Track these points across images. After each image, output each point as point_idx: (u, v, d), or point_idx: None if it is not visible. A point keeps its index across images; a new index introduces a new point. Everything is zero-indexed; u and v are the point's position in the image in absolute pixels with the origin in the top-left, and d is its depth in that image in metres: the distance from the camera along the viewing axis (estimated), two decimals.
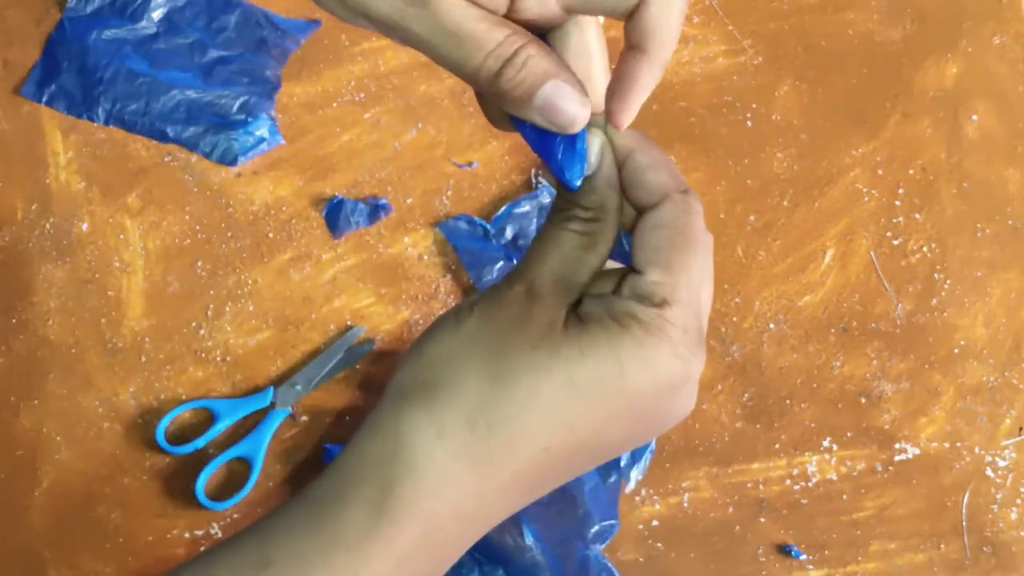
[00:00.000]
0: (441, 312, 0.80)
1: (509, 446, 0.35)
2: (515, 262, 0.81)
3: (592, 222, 0.38)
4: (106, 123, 0.85)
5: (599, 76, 0.40)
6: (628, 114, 0.39)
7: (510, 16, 0.38)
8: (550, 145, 0.38)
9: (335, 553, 0.34)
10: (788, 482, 0.77)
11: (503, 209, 0.83)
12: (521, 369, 0.35)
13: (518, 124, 0.39)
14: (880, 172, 0.87)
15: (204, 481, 0.74)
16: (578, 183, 0.38)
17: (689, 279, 0.38)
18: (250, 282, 0.81)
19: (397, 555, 0.35)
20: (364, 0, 0.36)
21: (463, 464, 0.35)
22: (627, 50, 0.39)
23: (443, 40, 0.36)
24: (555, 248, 0.38)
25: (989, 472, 0.78)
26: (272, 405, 0.77)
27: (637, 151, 0.39)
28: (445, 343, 0.37)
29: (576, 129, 0.38)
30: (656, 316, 0.36)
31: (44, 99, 0.85)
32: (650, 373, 0.36)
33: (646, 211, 0.39)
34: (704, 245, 0.39)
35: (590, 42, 0.40)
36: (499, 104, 0.38)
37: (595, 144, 0.38)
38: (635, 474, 0.76)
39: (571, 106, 0.37)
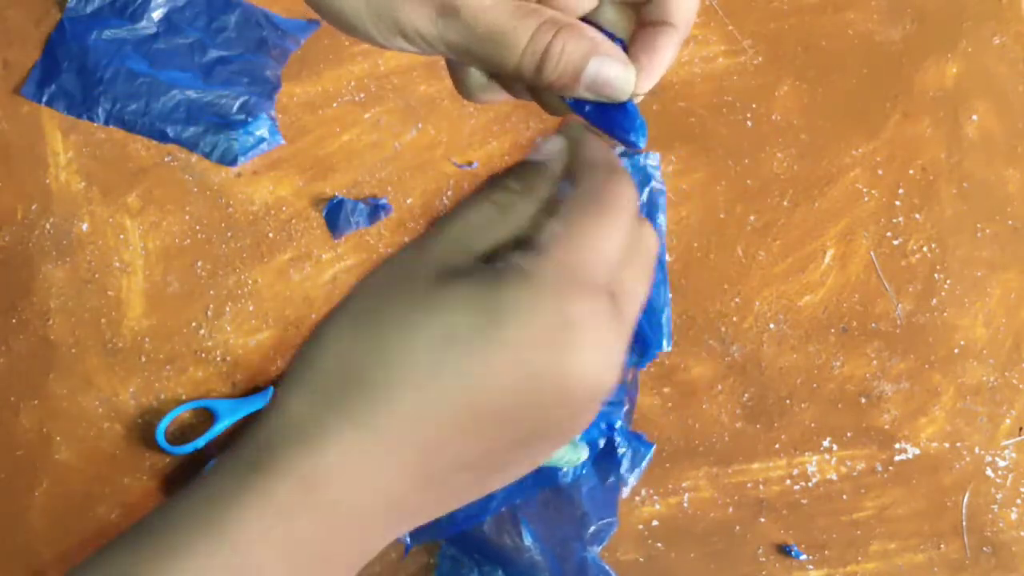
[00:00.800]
0: None
1: (385, 405, 0.34)
2: None
3: (514, 193, 0.37)
4: (106, 123, 0.85)
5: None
6: (650, 84, 0.39)
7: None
8: (610, 115, 0.38)
9: (212, 508, 0.33)
10: (788, 482, 0.77)
11: None
12: (392, 326, 0.34)
13: (573, 105, 0.39)
14: (880, 172, 0.87)
15: None
16: (643, 143, 0.38)
17: (585, 232, 0.35)
18: (250, 282, 0.81)
19: (273, 509, 0.33)
20: (399, 20, 0.37)
21: (341, 423, 0.34)
22: (648, 25, 0.39)
23: (480, 45, 0.37)
24: (461, 213, 0.37)
25: (989, 472, 0.78)
26: None
27: (583, 139, 0.39)
28: (335, 316, 0.36)
29: (628, 95, 0.38)
30: (536, 261, 0.34)
31: (44, 99, 0.85)
32: (528, 322, 0.33)
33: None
34: (616, 212, 0.36)
35: (613, 19, 0.40)
36: (552, 92, 0.38)
37: (556, 145, 0.38)
38: (632, 479, 0.76)
39: (618, 76, 0.37)
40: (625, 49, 0.39)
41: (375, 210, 0.82)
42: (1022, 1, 0.93)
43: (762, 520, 0.76)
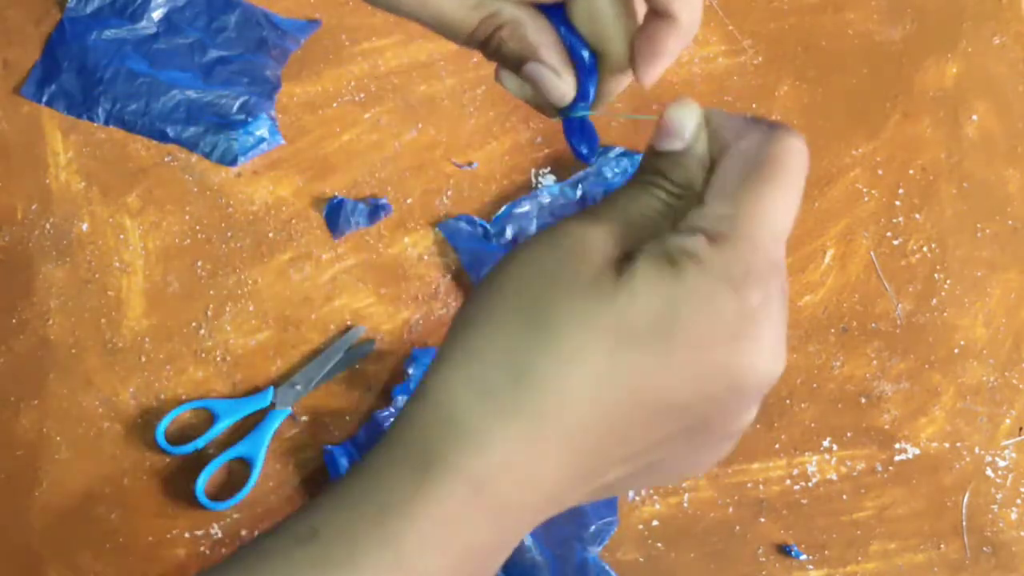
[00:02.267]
0: (441, 312, 0.80)
1: (556, 400, 0.32)
2: None
3: (678, 198, 0.36)
4: (106, 123, 0.85)
5: (616, 36, 0.39)
6: (654, 77, 0.39)
7: None
8: (569, 122, 0.38)
9: (380, 519, 0.32)
10: (788, 482, 0.77)
11: (503, 209, 0.83)
12: (563, 316, 0.32)
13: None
14: (880, 172, 0.87)
15: (204, 481, 0.74)
16: (586, 153, 0.38)
17: (758, 212, 0.34)
18: (250, 282, 0.81)
19: (445, 517, 0.32)
20: None
21: (507, 420, 0.32)
22: (652, 15, 0.38)
23: (433, 23, 0.38)
24: (635, 204, 0.36)
25: (989, 472, 0.78)
26: (272, 405, 0.77)
27: (727, 128, 0.37)
28: (484, 293, 0.34)
29: (564, 103, 0.38)
30: (713, 252, 0.33)
31: (44, 99, 0.85)
32: (706, 316, 0.32)
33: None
34: (788, 179, 0.35)
35: (600, 6, 0.39)
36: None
37: (691, 123, 0.37)
38: None
39: (551, 86, 0.38)
40: (589, 50, 0.39)
41: (375, 210, 0.82)
42: (1022, 1, 0.93)
43: (762, 520, 0.76)
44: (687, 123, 0.36)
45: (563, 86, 0.38)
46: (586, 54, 0.39)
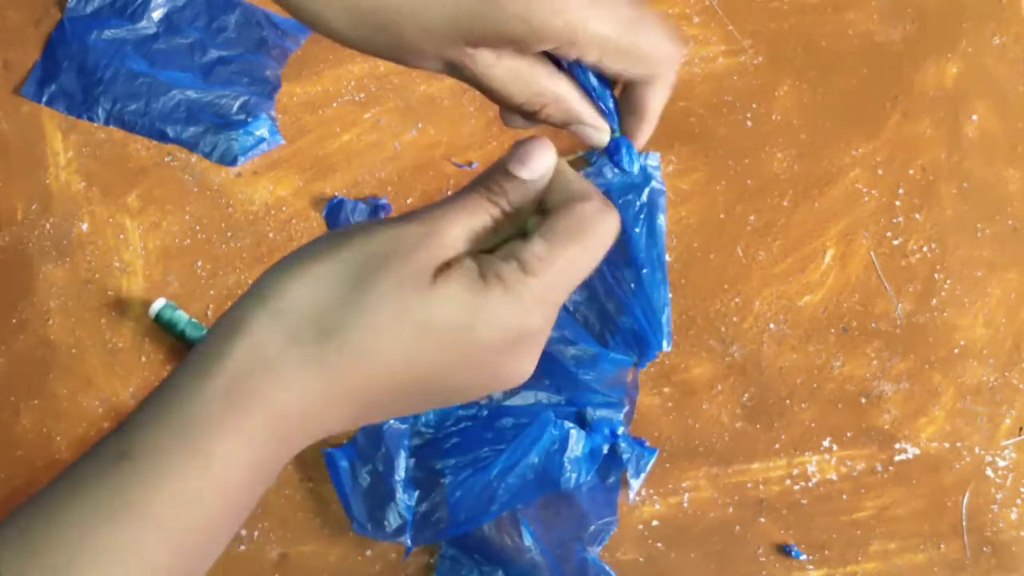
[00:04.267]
0: None
1: (355, 363, 0.38)
2: None
3: (504, 216, 0.42)
4: (106, 123, 0.85)
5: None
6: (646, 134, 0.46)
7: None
8: (608, 149, 0.47)
9: (189, 439, 0.37)
10: (788, 482, 0.77)
11: None
12: (385, 300, 0.38)
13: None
14: (880, 172, 0.87)
15: None
16: (630, 168, 0.46)
17: (566, 265, 0.40)
18: (250, 282, 0.81)
19: (247, 441, 0.38)
20: (419, 66, 0.43)
21: (311, 367, 0.38)
22: (626, 112, 0.45)
23: (484, 91, 0.44)
24: (470, 213, 0.42)
25: (989, 472, 0.78)
26: None
27: (573, 184, 0.44)
28: (317, 248, 0.40)
29: (604, 145, 0.46)
30: (519, 281, 0.39)
31: (44, 99, 0.85)
32: (497, 331, 0.39)
33: (563, 202, 0.43)
34: (597, 250, 0.41)
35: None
36: None
37: (544, 164, 0.43)
38: (636, 484, 0.76)
39: (588, 139, 0.46)
40: (612, 91, 0.45)
41: (375, 210, 0.82)
42: (1022, 1, 0.93)
43: (762, 520, 0.76)
44: (542, 163, 0.43)
45: (604, 136, 0.46)
46: (611, 103, 0.45)
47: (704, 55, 0.89)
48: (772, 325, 0.81)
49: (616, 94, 0.45)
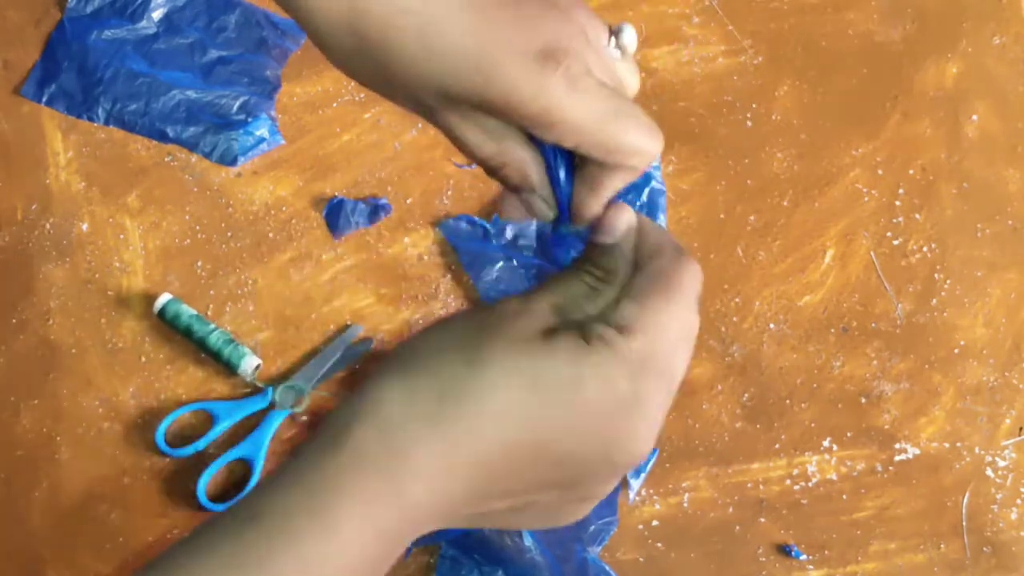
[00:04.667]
0: (441, 312, 0.80)
1: (473, 423, 0.39)
2: (515, 262, 0.81)
3: (601, 281, 0.44)
4: (106, 123, 0.85)
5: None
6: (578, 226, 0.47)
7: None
8: (552, 238, 0.48)
9: (315, 503, 0.38)
10: (788, 482, 0.77)
11: None
12: (495, 359, 0.39)
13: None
14: (880, 172, 0.87)
15: (205, 483, 0.74)
16: (565, 261, 0.47)
17: (658, 319, 0.41)
18: (250, 282, 0.81)
19: (366, 500, 0.38)
20: (394, 102, 0.45)
21: (429, 429, 0.39)
22: (580, 183, 0.46)
23: (449, 139, 0.46)
24: (563, 286, 0.44)
25: (989, 472, 0.78)
26: (272, 405, 0.77)
27: (652, 236, 0.46)
28: (431, 334, 0.42)
29: (546, 221, 0.47)
30: (620, 340, 0.40)
31: (44, 99, 0.85)
32: (605, 390, 0.40)
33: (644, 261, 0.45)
34: (684, 299, 0.42)
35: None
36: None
37: (623, 225, 0.45)
38: (636, 484, 0.76)
39: (534, 211, 0.46)
40: (570, 162, 0.45)
41: (375, 210, 0.82)
42: (1022, 1, 0.93)
43: (762, 520, 0.76)
44: (620, 224, 0.45)
45: (549, 213, 0.46)
46: (564, 174, 0.46)
47: (704, 55, 0.89)
48: (772, 325, 0.81)
49: (575, 162, 0.46)
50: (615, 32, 0.46)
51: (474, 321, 0.41)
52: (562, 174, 0.46)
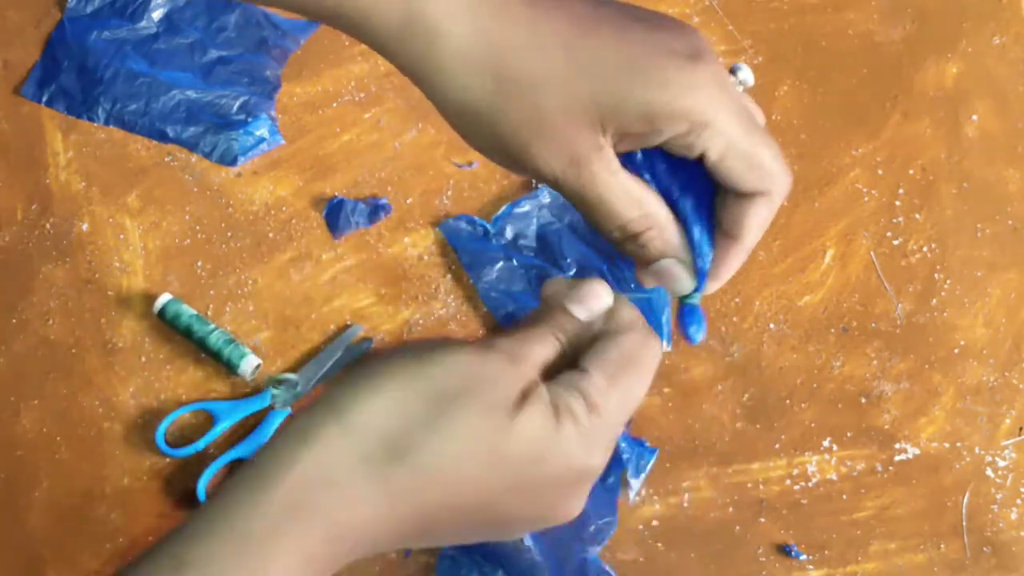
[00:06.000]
0: (441, 312, 0.80)
1: (425, 486, 0.39)
2: (515, 262, 0.81)
3: (566, 344, 0.44)
4: (106, 123, 0.85)
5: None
6: (716, 287, 0.48)
7: None
8: (682, 310, 0.48)
9: (246, 553, 0.37)
10: (788, 482, 0.77)
11: (503, 209, 0.83)
12: (466, 429, 0.39)
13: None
14: (880, 172, 0.87)
15: (205, 483, 0.74)
16: (698, 339, 0.48)
17: (624, 399, 0.42)
18: (250, 282, 0.81)
19: (303, 558, 0.37)
20: (534, 160, 0.43)
21: (377, 486, 0.38)
22: (721, 235, 0.46)
23: (588, 203, 0.44)
24: (543, 345, 0.43)
25: (989, 472, 0.78)
26: (271, 406, 0.77)
27: (623, 311, 0.46)
28: (391, 367, 0.40)
29: (679, 295, 0.47)
30: (586, 417, 0.41)
31: (44, 99, 0.85)
32: (565, 468, 0.41)
33: (612, 333, 0.45)
34: (648, 381, 0.44)
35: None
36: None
37: (601, 306, 0.45)
38: (636, 484, 0.76)
39: (678, 280, 0.46)
40: (711, 253, 0.46)
41: (375, 210, 0.82)
42: (1022, 1, 0.93)
43: (762, 520, 0.76)
44: (600, 304, 0.45)
45: (690, 283, 0.47)
46: (709, 258, 0.46)
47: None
48: (772, 325, 0.81)
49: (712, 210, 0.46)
50: (732, 71, 0.46)
51: (450, 371, 0.40)
52: (697, 232, 0.45)
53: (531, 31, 0.42)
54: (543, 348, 0.43)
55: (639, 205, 0.44)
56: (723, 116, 0.42)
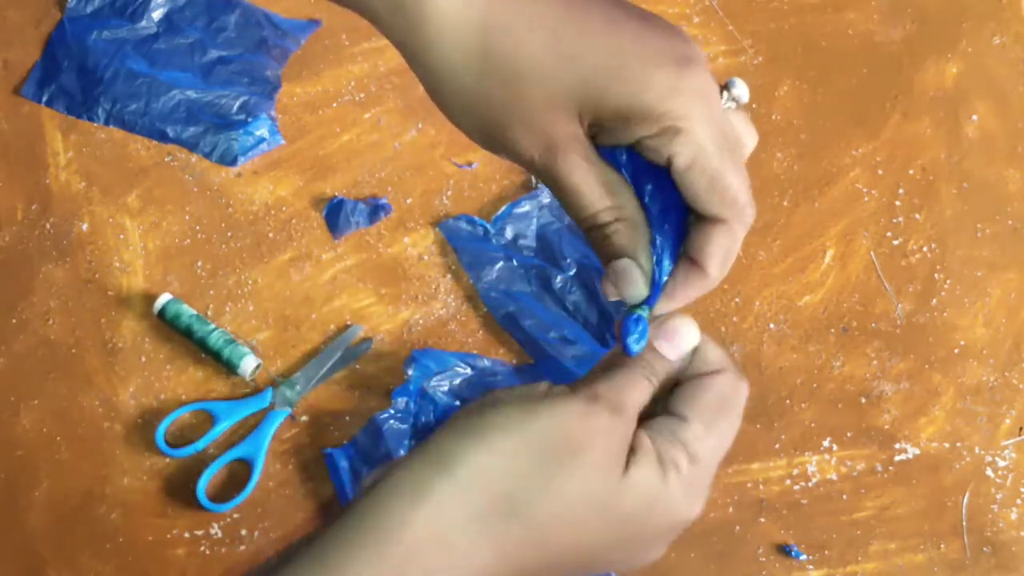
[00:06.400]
0: (441, 312, 0.80)
1: (535, 544, 0.39)
2: (515, 262, 0.81)
3: (659, 383, 0.45)
4: (106, 123, 0.85)
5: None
6: (670, 307, 0.46)
7: None
8: (625, 320, 0.45)
9: None
10: (788, 482, 0.77)
11: (503, 209, 0.83)
12: (579, 487, 0.39)
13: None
14: (880, 172, 0.87)
15: (205, 483, 0.74)
16: (635, 350, 0.44)
17: (721, 445, 0.44)
18: (250, 282, 0.81)
19: None
20: (513, 143, 0.43)
21: (488, 544, 0.38)
22: (686, 260, 0.46)
23: (562, 189, 0.43)
24: (640, 391, 0.43)
25: (989, 472, 0.78)
26: (271, 406, 0.77)
27: (710, 353, 0.47)
28: (504, 428, 0.40)
29: (631, 302, 0.45)
30: (688, 467, 0.42)
31: (44, 99, 0.85)
32: (667, 520, 0.42)
33: (703, 376, 0.45)
34: (737, 423, 0.44)
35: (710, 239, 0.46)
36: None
37: (689, 346, 0.45)
38: None
39: (631, 288, 0.45)
40: (673, 263, 0.45)
41: (375, 210, 0.82)
42: (1022, 1, 0.93)
43: (762, 520, 0.76)
44: (688, 342, 0.45)
45: (643, 291, 0.45)
46: (667, 272, 0.45)
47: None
48: (772, 325, 0.81)
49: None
50: (726, 86, 0.46)
51: (557, 425, 0.40)
52: (659, 241, 0.45)
53: (521, 12, 0.41)
54: (640, 394, 0.43)
55: (611, 196, 0.44)
56: (697, 127, 0.42)
